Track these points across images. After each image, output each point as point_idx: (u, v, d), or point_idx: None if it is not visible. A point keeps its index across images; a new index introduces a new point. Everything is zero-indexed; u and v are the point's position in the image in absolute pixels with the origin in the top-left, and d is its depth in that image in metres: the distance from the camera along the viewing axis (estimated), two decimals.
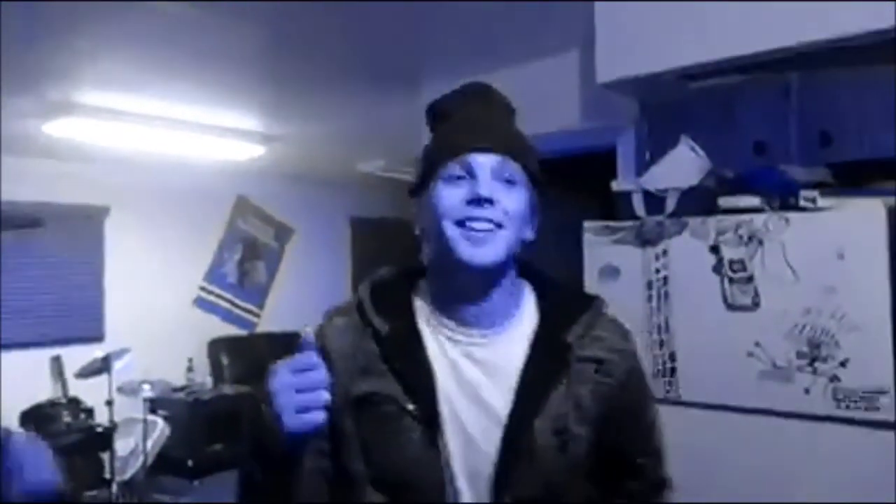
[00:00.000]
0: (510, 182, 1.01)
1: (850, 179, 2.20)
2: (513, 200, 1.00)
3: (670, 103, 2.55)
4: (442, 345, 1.03)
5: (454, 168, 1.00)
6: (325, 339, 1.04)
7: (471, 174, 0.99)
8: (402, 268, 1.13)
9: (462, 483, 1.00)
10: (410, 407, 0.99)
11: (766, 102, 2.34)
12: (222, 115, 4.10)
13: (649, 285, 2.18)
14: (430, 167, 1.03)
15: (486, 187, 0.98)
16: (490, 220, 0.98)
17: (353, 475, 1.02)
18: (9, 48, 2.80)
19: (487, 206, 0.98)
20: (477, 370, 1.02)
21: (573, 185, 3.42)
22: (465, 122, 1.04)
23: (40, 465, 1.02)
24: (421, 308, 1.07)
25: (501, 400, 1.01)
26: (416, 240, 1.07)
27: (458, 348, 1.03)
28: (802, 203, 1.96)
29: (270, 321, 6.42)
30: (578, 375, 1.03)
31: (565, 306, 1.07)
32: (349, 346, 1.04)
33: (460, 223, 0.98)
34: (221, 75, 3.36)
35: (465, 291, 1.03)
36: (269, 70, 3.37)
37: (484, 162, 1.00)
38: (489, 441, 0.99)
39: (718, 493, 1.99)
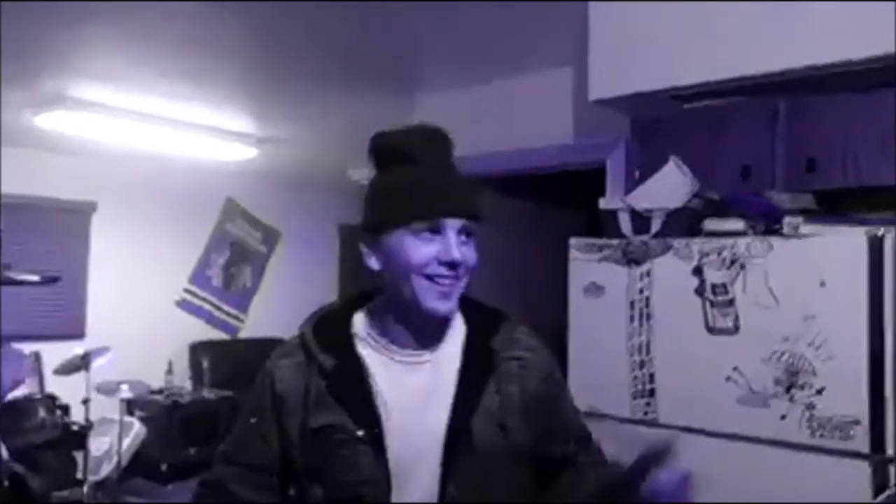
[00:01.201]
0: (469, 234, 1.11)
1: (834, 207, 2.22)
2: (472, 252, 1.12)
3: (661, 123, 2.55)
4: (390, 368, 1.14)
5: (424, 226, 1.08)
6: (276, 382, 1.16)
7: (440, 232, 1.09)
8: (336, 303, 1.24)
9: (416, 490, 1.10)
10: (360, 433, 1.09)
11: (754, 127, 2.35)
12: (214, 115, 4.09)
13: (632, 305, 2.18)
14: (396, 217, 1.09)
15: (456, 251, 1.08)
16: (456, 277, 1.10)
17: (311, 500, 1.12)
18: (3, 40, 2.79)
19: (455, 267, 1.09)
20: (424, 385, 1.13)
21: (563, 201, 3.43)
22: (433, 179, 1.10)
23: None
24: (362, 338, 1.17)
25: (446, 406, 1.12)
26: (370, 274, 1.14)
27: (406, 369, 1.14)
28: (786, 229, 1.97)
29: (255, 326, 6.37)
30: (506, 374, 1.16)
31: (487, 319, 1.21)
32: (300, 385, 1.14)
33: (428, 277, 1.09)
34: (215, 75, 3.35)
35: (422, 329, 1.15)
36: (263, 72, 3.36)
37: (454, 224, 1.09)
38: (440, 446, 1.10)
39: None
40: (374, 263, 1.13)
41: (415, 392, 1.12)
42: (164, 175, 5.61)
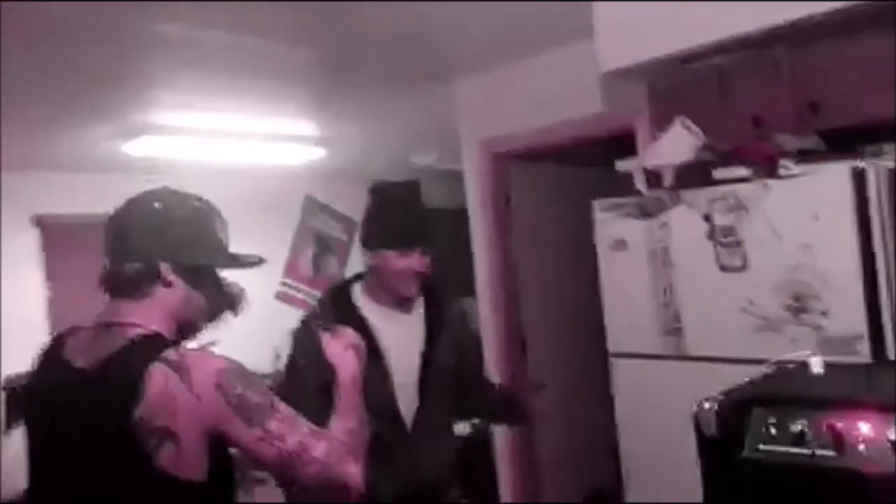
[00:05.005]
0: (426, 253, 2.01)
1: (838, 144, 2.37)
2: (427, 261, 2.02)
3: (674, 84, 2.74)
4: (382, 326, 1.98)
5: (403, 249, 1.96)
6: (317, 337, 1.73)
7: (412, 252, 1.97)
8: (338, 282, 2.20)
9: (404, 398, 1.96)
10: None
11: (760, 78, 2.52)
12: (285, 124, 4.52)
13: (653, 254, 2.42)
14: (386, 244, 1.98)
15: (420, 265, 1.98)
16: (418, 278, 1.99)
17: None
18: (92, 79, 3.24)
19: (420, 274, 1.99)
20: (405, 334, 1.99)
21: (596, 167, 3.65)
22: (409, 218, 2.01)
23: None
24: (363, 303, 2.03)
25: (419, 347, 1.99)
26: (371, 269, 2.05)
27: (393, 325, 1.99)
28: (781, 171, 2.16)
29: None
30: (455, 327, 2.09)
31: (438, 291, 2.07)
32: None
33: (404, 277, 1.97)
34: (282, 91, 3.75)
35: (399, 303, 2.05)
36: (323, 84, 3.74)
37: (419, 248, 1.98)
38: (417, 370, 1.99)
39: None
40: (372, 261, 2.02)
41: (400, 339, 1.97)
42: (244, 182, 6.12)
